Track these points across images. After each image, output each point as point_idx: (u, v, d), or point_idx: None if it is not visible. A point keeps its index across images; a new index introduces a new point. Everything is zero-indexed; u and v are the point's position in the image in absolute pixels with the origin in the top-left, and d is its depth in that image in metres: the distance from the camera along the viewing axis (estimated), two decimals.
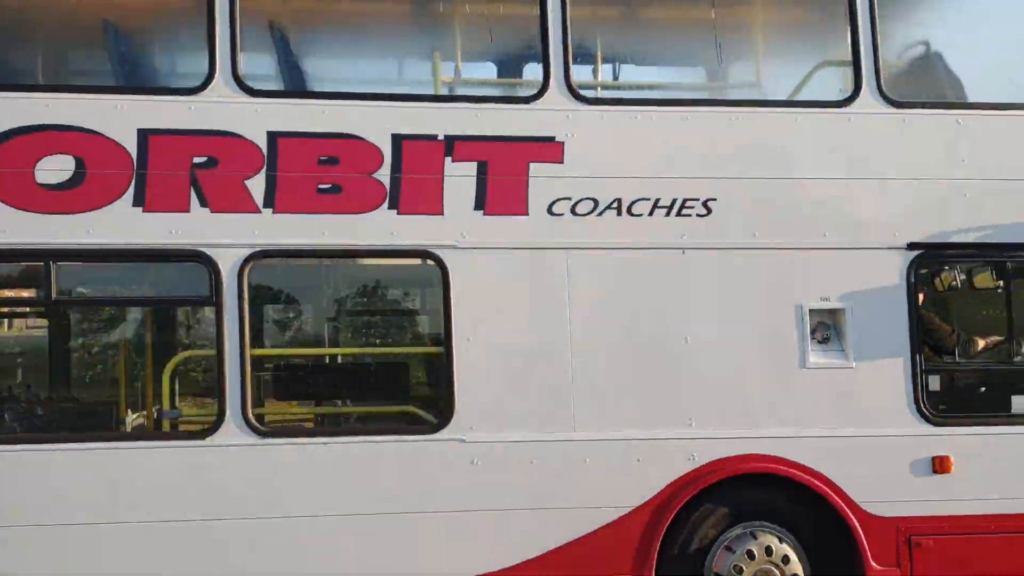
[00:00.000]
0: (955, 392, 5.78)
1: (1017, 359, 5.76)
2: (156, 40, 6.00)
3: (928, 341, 5.73)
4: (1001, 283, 5.82)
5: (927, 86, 5.95)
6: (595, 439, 5.37)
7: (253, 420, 5.16)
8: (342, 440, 5.31)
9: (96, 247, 5.17)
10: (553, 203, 5.42)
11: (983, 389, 5.91)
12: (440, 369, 5.38)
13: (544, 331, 5.41)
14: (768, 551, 5.45)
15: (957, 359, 5.77)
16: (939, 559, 5.47)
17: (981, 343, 5.89)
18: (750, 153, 5.56)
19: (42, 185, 5.15)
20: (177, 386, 5.74)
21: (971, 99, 5.88)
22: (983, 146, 5.71)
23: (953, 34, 6.07)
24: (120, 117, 5.21)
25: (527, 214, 5.41)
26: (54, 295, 5.19)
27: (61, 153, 5.16)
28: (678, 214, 5.48)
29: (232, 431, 5.15)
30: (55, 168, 5.15)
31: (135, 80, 5.60)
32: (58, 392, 6.05)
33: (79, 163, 5.17)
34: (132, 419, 5.83)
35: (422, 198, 5.36)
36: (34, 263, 5.20)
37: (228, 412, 5.15)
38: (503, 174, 5.40)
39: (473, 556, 5.26)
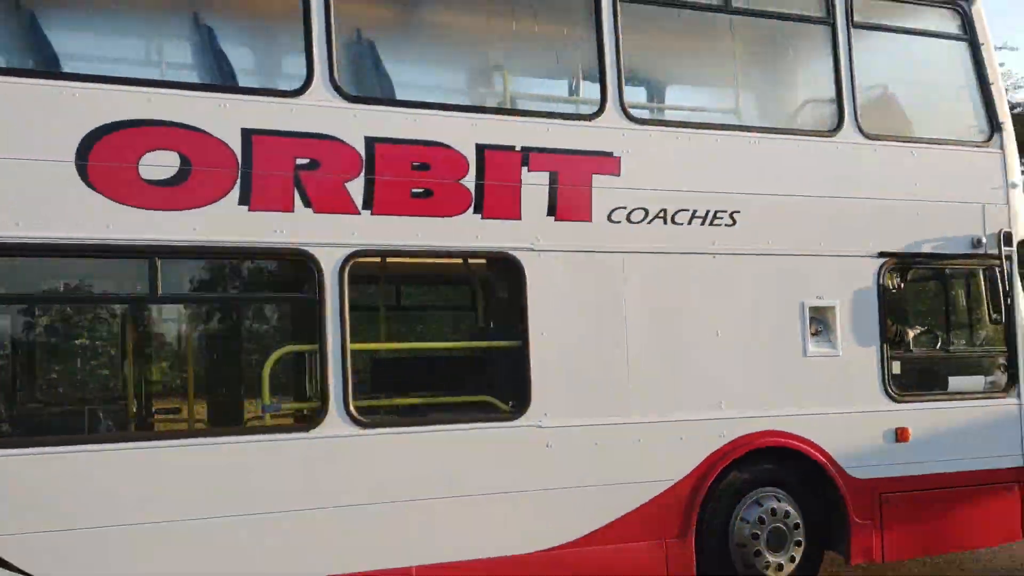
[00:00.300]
0: (909, 375, 7.00)
1: (952, 348, 7.12)
2: (256, 39, 5.98)
3: None
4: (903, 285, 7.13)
5: (889, 122, 7.10)
6: (646, 422, 6.10)
7: (355, 412, 5.43)
8: (435, 429, 5.68)
9: (203, 245, 5.22)
10: (612, 211, 6.06)
11: (929, 373, 7.19)
12: (516, 362, 5.87)
13: (604, 326, 6.05)
14: (773, 512, 6.42)
15: (909, 348, 7.01)
16: (901, 511, 6.69)
17: (910, 333, 7.18)
18: (765, 172, 6.48)
19: (147, 181, 5.12)
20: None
21: (918, 135, 7.10)
22: (929, 173, 6.96)
23: (905, 80, 7.29)
24: (224, 115, 5.28)
25: (591, 220, 6.02)
26: (160, 292, 5.17)
27: (165, 149, 5.16)
28: (710, 224, 6.30)
29: (335, 423, 5.39)
30: (159, 164, 5.14)
31: (236, 79, 5.60)
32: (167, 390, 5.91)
33: (184, 160, 5.18)
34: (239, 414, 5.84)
35: (502, 204, 5.82)
36: (137, 260, 5.14)
37: (331, 405, 5.38)
38: (571, 184, 5.98)
39: (550, 529, 5.83)
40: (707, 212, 6.29)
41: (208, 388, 6.20)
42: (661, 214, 6.18)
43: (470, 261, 6.09)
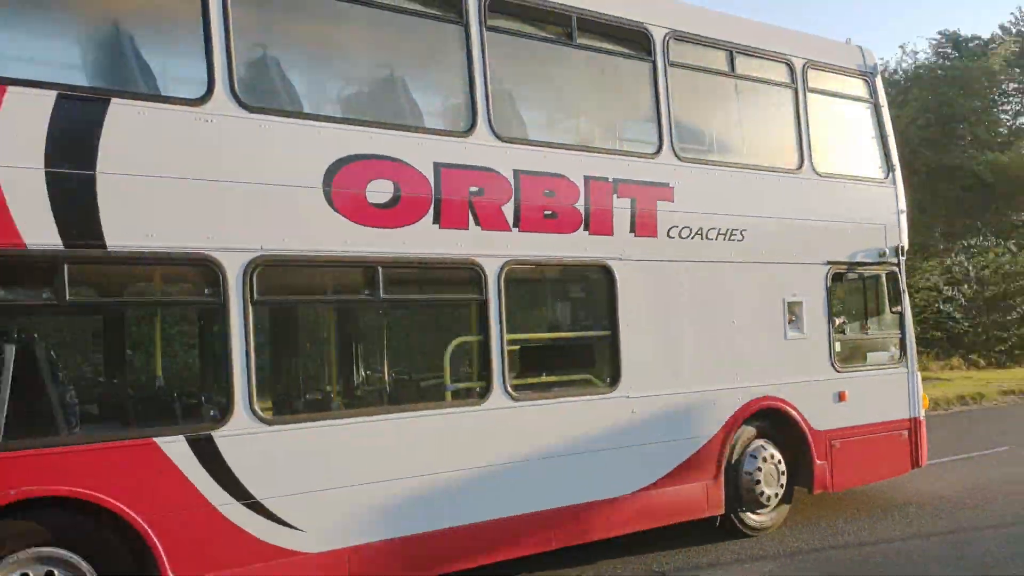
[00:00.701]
0: (844, 351, 9.32)
1: (868, 331, 9.56)
2: (428, 85, 7.09)
3: None
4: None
5: (828, 163, 9.33)
6: (694, 391, 7.95)
7: (510, 389, 6.85)
8: (561, 400, 7.21)
9: (409, 256, 6.44)
10: (669, 229, 7.84)
11: (855, 349, 9.55)
12: (610, 347, 7.50)
13: (667, 319, 7.82)
14: (767, 458, 8.48)
15: (843, 332, 9.35)
16: (843, 453, 8.99)
17: (837, 321, 9.52)
18: (759, 199, 8.51)
19: (371, 204, 6.28)
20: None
21: (844, 172, 9.42)
22: (852, 201, 9.32)
23: (834, 130, 9.57)
24: (421, 151, 6.52)
25: (657, 236, 7.77)
26: (381, 295, 6.33)
27: (383, 178, 6.33)
28: (728, 239, 8.24)
29: (498, 397, 6.80)
30: (380, 190, 6.31)
31: (424, 120, 6.77)
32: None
33: (396, 187, 6.39)
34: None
35: (601, 223, 7.43)
36: (367, 268, 6.28)
37: (495, 383, 6.78)
38: (644, 208, 7.69)
39: (634, 476, 7.53)
40: (727, 230, 8.22)
41: (412, 370, 7.25)
42: (699, 232, 8.04)
43: (577, 267, 7.60)
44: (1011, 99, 38.31)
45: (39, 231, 5.13)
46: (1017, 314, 28.19)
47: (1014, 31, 37.28)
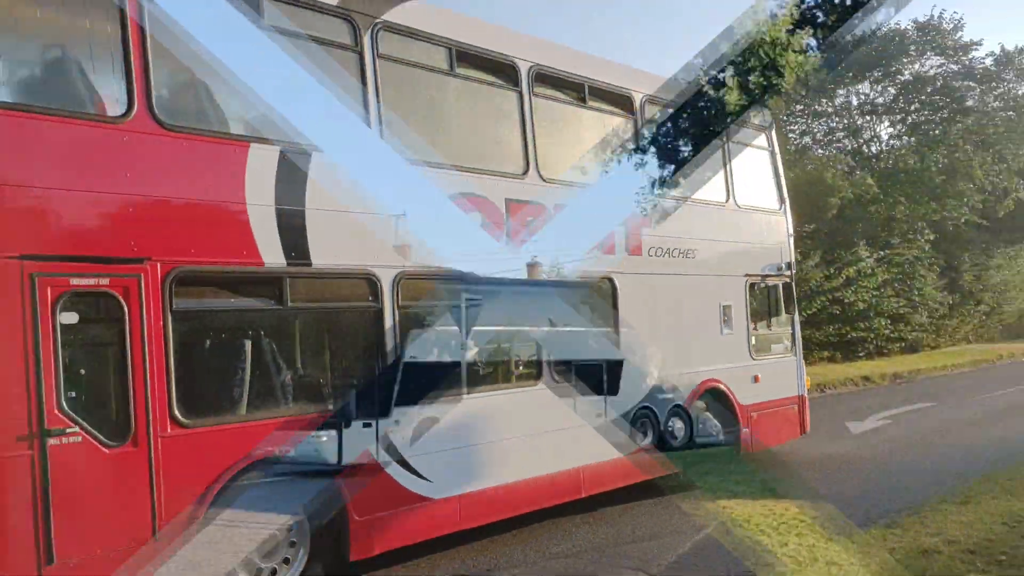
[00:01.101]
0: (757, 344, 11.90)
1: (772, 329, 12.23)
2: (500, 138, 8.92)
3: None
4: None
5: (745, 197, 11.90)
6: (676, 373, 10.24)
7: (555, 375, 8.89)
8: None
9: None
10: (649, 249, 10.11)
11: (763, 343, 12.15)
12: (612, 341, 9.68)
13: (650, 319, 10.06)
14: (712, 426, 10.92)
15: (755, 329, 11.95)
16: (759, 422, 11.58)
17: (751, 320, 12.12)
18: (703, 225, 10.94)
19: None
20: None
21: (754, 205, 12.04)
22: (759, 227, 11.97)
23: (743, 171, 12.14)
24: (496, 189, 8.44)
25: (642, 255, 10.01)
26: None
27: (475, 210, 8.22)
28: (686, 257, 10.62)
29: (548, 381, 8.82)
30: (475, 220, 8.18)
31: (497, 165, 8.66)
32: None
33: (482, 218, 8.27)
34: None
35: (607, 245, 9.59)
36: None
37: (544, 374, 8.81)
38: (633, 232, 9.92)
39: (628, 443, 9.71)
40: (686, 250, 10.60)
41: (492, 359, 9.04)
42: (667, 251, 10.36)
43: (592, 280, 9.71)
44: (798, 120, 43.42)
45: (271, 253, 6.72)
46: (803, 315, 32.52)
47: None
